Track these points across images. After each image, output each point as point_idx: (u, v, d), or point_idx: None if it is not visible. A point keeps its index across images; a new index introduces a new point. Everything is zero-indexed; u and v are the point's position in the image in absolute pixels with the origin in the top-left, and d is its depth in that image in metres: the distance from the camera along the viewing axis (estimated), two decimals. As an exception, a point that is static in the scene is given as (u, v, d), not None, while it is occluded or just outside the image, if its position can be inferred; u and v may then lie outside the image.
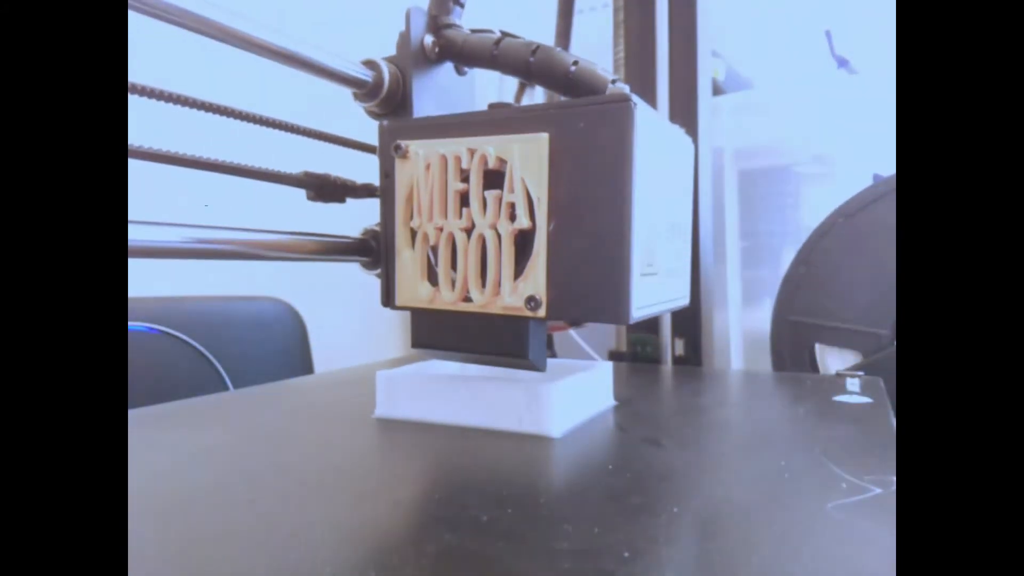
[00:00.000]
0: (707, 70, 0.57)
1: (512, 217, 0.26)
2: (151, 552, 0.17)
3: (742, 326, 0.68)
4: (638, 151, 0.25)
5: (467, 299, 0.27)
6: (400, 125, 0.29)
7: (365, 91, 0.31)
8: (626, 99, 0.24)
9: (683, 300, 0.32)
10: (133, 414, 0.33)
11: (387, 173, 0.29)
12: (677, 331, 0.56)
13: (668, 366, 0.55)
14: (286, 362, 0.66)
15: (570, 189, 0.25)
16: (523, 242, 0.26)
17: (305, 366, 0.68)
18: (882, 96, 0.63)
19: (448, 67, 0.33)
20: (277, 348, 0.66)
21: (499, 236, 0.26)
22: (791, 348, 0.53)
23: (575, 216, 0.25)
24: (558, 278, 0.26)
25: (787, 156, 0.66)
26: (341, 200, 0.34)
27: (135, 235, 0.23)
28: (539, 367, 0.28)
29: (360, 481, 0.23)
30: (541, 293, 0.26)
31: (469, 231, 0.27)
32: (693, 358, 0.56)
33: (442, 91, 0.33)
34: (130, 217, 0.21)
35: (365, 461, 0.26)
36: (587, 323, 0.31)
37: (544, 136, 0.26)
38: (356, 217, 0.35)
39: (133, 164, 0.22)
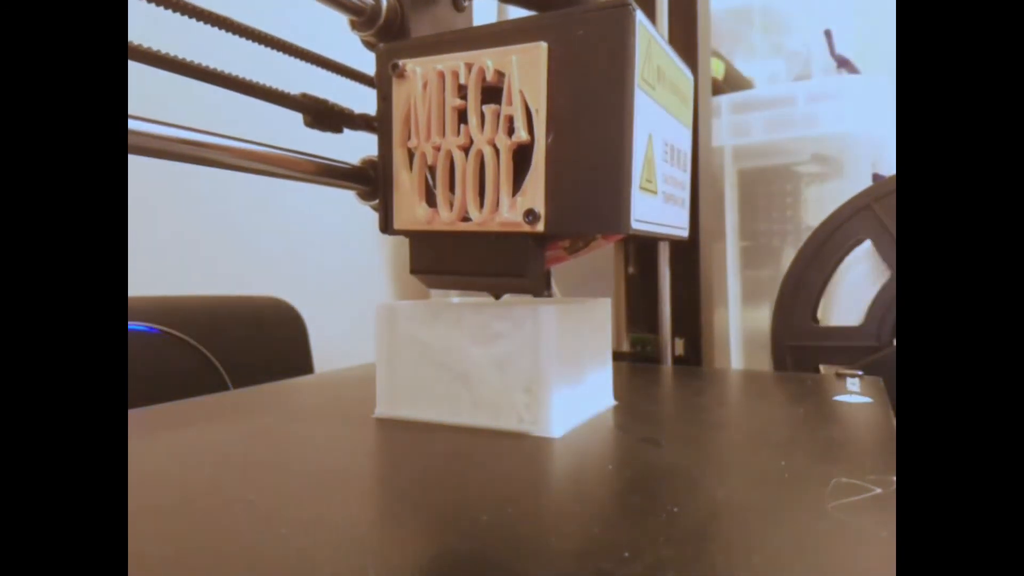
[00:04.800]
0: (707, 70, 0.57)
1: (510, 131, 0.26)
2: (151, 552, 0.17)
3: (742, 326, 0.68)
4: (639, 57, 0.24)
5: (465, 219, 0.27)
6: (398, 45, 0.29)
7: (363, 19, 0.31)
8: (626, 4, 0.24)
9: (682, 231, 0.32)
10: (133, 414, 0.33)
11: (384, 96, 0.29)
12: (677, 331, 0.56)
13: (668, 366, 0.55)
14: (286, 362, 0.66)
15: (569, 99, 0.25)
16: (521, 158, 0.26)
17: (305, 366, 0.68)
18: (882, 96, 0.63)
19: (446, 1, 0.33)
20: (277, 348, 0.66)
21: (497, 152, 0.26)
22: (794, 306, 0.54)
23: (574, 127, 0.25)
24: (557, 191, 0.25)
25: (787, 156, 0.66)
26: (338, 130, 0.34)
27: (135, 127, 0.22)
28: (537, 288, 0.28)
29: (360, 481, 0.23)
30: (540, 206, 0.26)
31: (467, 149, 0.27)
32: (693, 358, 0.56)
33: (440, 25, 0.33)
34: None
35: (365, 461, 0.26)
36: (586, 250, 0.31)
37: (542, 45, 0.25)
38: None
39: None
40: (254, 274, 0.71)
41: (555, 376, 0.28)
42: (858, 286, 0.52)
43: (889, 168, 0.66)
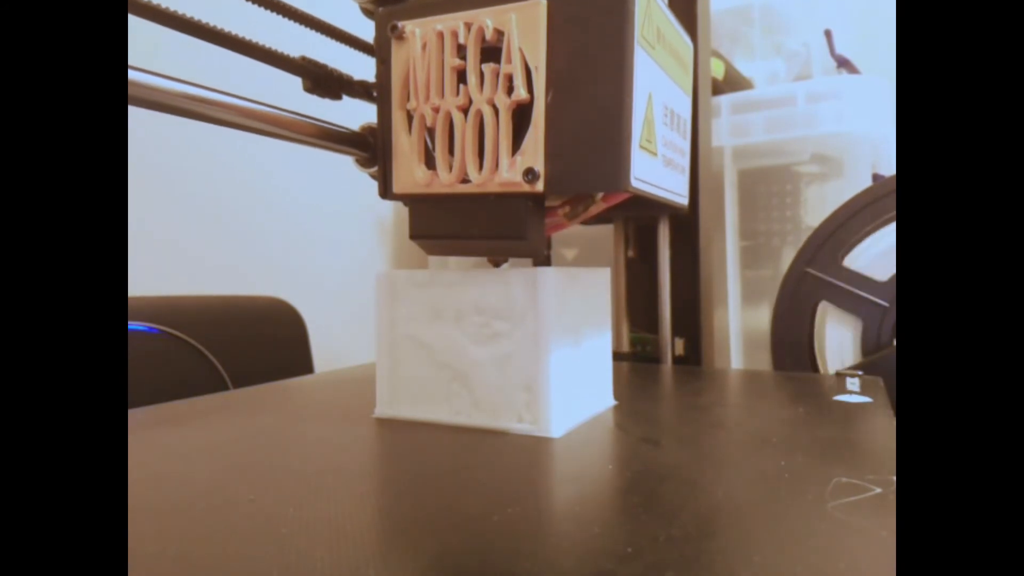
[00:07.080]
0: (707, 70, 0.57)
1: (509, 90, 0.26)
2: (151, 552, 0.17)
3: (742, 326, 0.68)
4: (639, 15, 0.24)
5: (465, 180, 0.27)
6: (397, 8, 0.29)
7: None
8: None
9: (682, 199, 0.32)
10: (133, 414, 0.33)
11: (384, 60, 0.29)
12: (677, 331, 0.56)
13: (668, 366, 0.55)
14: (286, 362, 0.66)
15: (568, 57, 0.25)
16: (521, 118, 0.26)
17: (305, 366, 0.68)
18: (882, 96, 0.63)
19: None
20: (277, 348, 0.66)
21: (496, 111, 0.26)
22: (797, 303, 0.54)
23: (573, 85, 0.25)
24: (556, 149, 0.25)
25: (787, 156, 0.66)
26: (337, 96, 0.33)
27: (135, 78, 0.22)
28: (537, 250, 0.28)
29: (360, 481, 0.23)
30: (539, 165, 0.25)
31: (466, 109, 0.27)
32: (693, 358, 0.56)
33: None
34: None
35: (365, 461, 0.26)
36: (585, 215, 0.30)
37: (541, 2, 0.25)
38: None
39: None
40: (254, 274, 0.71)
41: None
42: (841, 334, 0.53)
43: (889, 168, 0.66)
